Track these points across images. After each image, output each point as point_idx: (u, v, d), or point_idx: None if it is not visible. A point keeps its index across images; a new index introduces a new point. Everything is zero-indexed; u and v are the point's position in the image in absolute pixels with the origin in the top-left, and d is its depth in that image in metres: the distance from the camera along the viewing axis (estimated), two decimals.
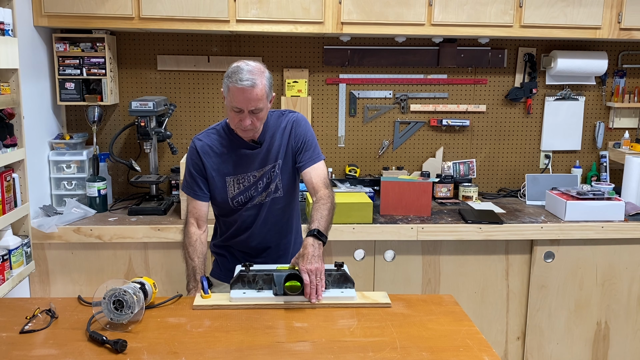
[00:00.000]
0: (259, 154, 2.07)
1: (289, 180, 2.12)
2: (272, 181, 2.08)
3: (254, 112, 1.92)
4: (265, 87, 1.92)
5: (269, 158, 2.07)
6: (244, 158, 2.07)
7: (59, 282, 2.74)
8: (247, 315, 1.78)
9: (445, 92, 3.37)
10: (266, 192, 2.09)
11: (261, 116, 1.96)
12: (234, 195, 2.08)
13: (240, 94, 1.89)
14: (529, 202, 3.22)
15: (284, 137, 2.09)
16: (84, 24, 2.80)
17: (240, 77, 1.88)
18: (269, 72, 1.97)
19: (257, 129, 1.99)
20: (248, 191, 2.08)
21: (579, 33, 2.99)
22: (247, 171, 2.07)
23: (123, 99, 3.22)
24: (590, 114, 3.46)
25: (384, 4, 2.85)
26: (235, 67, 1.92)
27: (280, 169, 2.08)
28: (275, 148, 2.08)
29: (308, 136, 2.10)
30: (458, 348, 1.60)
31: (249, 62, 1.93)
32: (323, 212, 1.99)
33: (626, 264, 2.92)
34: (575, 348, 3.00)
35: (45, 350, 1.57)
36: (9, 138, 2.35)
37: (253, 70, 1.90)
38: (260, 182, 2.08)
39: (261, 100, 1.91)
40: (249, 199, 2.09)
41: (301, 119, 2.12)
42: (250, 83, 1.87)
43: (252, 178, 2.07)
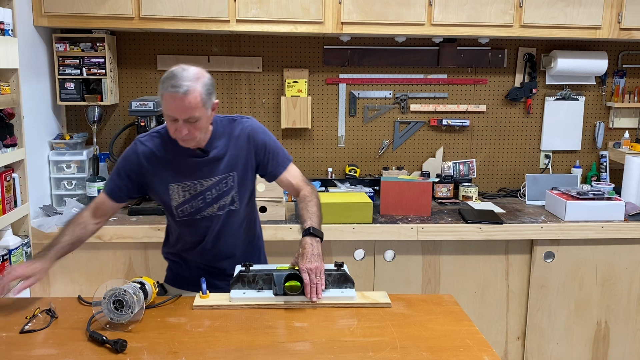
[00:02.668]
0: (207, 163, 1.93)
1: (247, 191, 2.02)
2: (226, 194, 1.97)
3: (189, 121, 1.77)
4: (202, 95, 1.76)
5: (219, 168, 1.95)
6: (190, 165, 1.93)
7: (59, 282, 2.74)
8: (247, 315, 1.78)
9: (445, 92, 3.37)
10: (218, 205, 1.97)
11: (199, 126, 1.80)
12: (179, 204, 1.96)
13: (172, 101, 1.75)
14: (529, 202, 3.22)
15: (239, 147, 1.96)
16: (84, 24, 2.80)
17: (173, 84, 1.74)
18: (209, 78, 1.82)
19: (196, 139, 1.84)
20: (194, 200, 1.96)
21: (579, 33, 2.99)
22: (192, 179, 1.94)
23: (123, 99, 3.22)
24: (590, 114, 3.46)
25: (384, 4, 2.85)
26: (171, 72, 1.78)
27: (237, 181, 1.97)
28: (228, 159, 1.95)
29: (270, 143, 2.00)
30: (458, 348, 1.60)
31: (186, 67, 1.79)
32: (312, 208, 1.98)
33: (626, 264, 2.92)
34: (575, 348, 3.00)
35: (45, 350, 1.57)
36: (9, 138, 2.36)
37: (188, 76, 1.75)
38: (209, 193, 1.95)
39: (196, 108, 1.76)
40: (197, 210, 1.97)
41: (257, 127, 1.99)
42: (183, 90, 1.73)
43: (199, 187, 1.94)
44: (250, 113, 3.30)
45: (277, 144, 2.03)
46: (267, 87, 3.28)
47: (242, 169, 1.98)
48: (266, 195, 2.79)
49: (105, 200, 1.99)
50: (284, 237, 2.74)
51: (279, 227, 2.73)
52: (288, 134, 3.34)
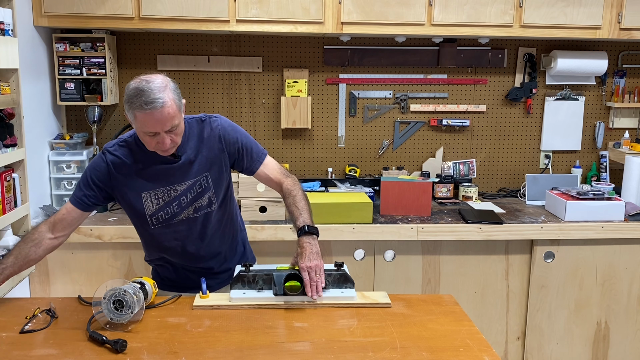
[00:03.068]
0: (179, 167, 1.90)
1: (223, 189, 2.00)
2: (201, 195, 1.94)
3: (171, 130, 1.76)
4: (175, 101, 1.75)
5: (192, 171, 1.92)
6: (162, 171, 1.90)
7: (59, 282, 2.74)
8: (247, 315, 1.78)
9: (445, 92, 3.37)
10: (193, 207, 1.95)
11: (179, 131, 1.80)
12: (153, 212, 1.93)
13: (149, 118, 1.70)
14: (529, 202, 3.22)
15: (210, 147, 1.93)
16: (84, 24, 2.80)
17: (146, 101, 1.69)
18: (172, 82, 1.80)
19: (177, 144, 1.83)
20: (169, 207, 1.93)
21: (579, 33, 2.99)
22: (165, 185, 1.91)
23: (123, 99, 3.22)
24: (590, 114, 3.46)
25: (384, 4, 2.85)
26: (135, 89, 1.72)
27: (212, 182, 1.95)
28: (200, 160, 1.92)
29: (242, 140, 1.97)
30: (458, 348, 1.60)
31: (149, 79, 1.74)
32: (300, 203, 1.96)
33: (626, 264, 2.92)
34: (575, 348, 3.00)
35: (45, 350, 1.57)
36: (9, 138, 2.36)
37: (157, 87, 1.71)
38: (184, 197, 1.93)
39: (175, 116, 1.74)
40: (172, 215, 1.94)
41: (227, 125, 1.96)
42: (159, 104, 1.69)
43: (172, 192, 1.91)
44: (250, 113, 3.30)
45: (249, 139, 2.00)
46: (267, 87, 3.28)
47: (217, 169, 1.95)
48: (266, 195, 2.80)
49: (71, 210, 1.91)
50: (284, 237, 2.74)
51: (278, 227, 2.73)
52: (288, 134, 3.34)
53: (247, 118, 3.31)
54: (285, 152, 3.36)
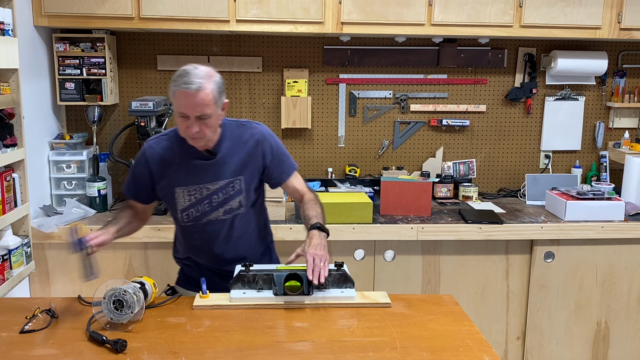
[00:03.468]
0: (213, 166, 1.94)
1: (255, 195, 2.02)
2: (233, 198, 1.97)
3: (201, 118, 1.79)
4: (213, 92, 1.79)
5: (226, 172, 1.95)
6: (197, 168, 1.94)
7: (59, 282, 2.74)
8: (247, 315, 1.78)
9: (445, 92, 3.37)
10: (224, 209, 1.97)
11: (210, 123, 1.82)
12: (184, 208, 1.97)
13: (184, 98, 1.77)
14: (529, 202, 3.22)
15: (248, 152, 1.96)
16: (84, 24, 2.80)
17: (186, 81, 1.76)
18: (219, 77, 1.85)
19: (207, 137, 1.85)
20: (200, 204, 1.96)
21: (579, 33, 2.99)
22: (198, 183, 1.94)
23: (123, 99, 3.22)
24: (590, 114, 3.46)
25: (384, 4, 2.85)
26: (182, 70, 1.80)
27: (244, 185, 1.97)
28: (235, 162, 1.95)
29: (279, 151, 2.02)
30: (458, 348, 1.60)
31: (197, 66, 1.81)
32: (317, 209, 2.01)
33: (626, 264, 2.92)
34: (575, 348, 3.00)
35: (45, 350, 1.57)
36: (9, 138, 2.35)
37: (200, 73, 1.78)
38: (215, 197, 1.95)
39: (208, 105, 1.78)
40: (203, 214, 1.97)
41: (267, 135, 2.00)
42: (195, 87, 1.75)
43: (205, 191, 1.95)
44: (250, 113, 3.30)
45: (284, 152, 2.05)
46: (267, 87, 3.28)
47: (250, 173, 1.98)
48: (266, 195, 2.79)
49: (132, 202, 2.06)
50: (284, 237, 2.74)
51: (278, 227, 2.73)
52: (288, 134, 3.34)
53: (247, 118, 3.30)
54: None
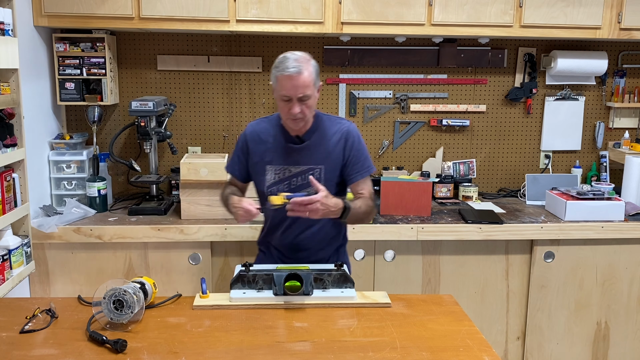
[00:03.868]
0: (300, 150, 2.10)
1: (333, 188, 2.10)
2: (309, 185, 2.04)
3: (302, 99, 1.97)
4: (312, 75, 1.98)
5: (309, 158, 2.09)
6: (286, 150, 2.11)
7: (59, 282, 2.74)
8: (247, 315, 1.78)
9: (445, 92, 3.37)
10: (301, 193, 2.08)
11: (310, 104, 2.00)
12: (269, 185, 2.12)
13: (287, 81, 1.94)
14: (529, 202, 3.22)
15: (333, 146, 2.10)
16: (84, 24, 2.80)
17: (287, 65, 1.94)
18: (315, 62, 2.03)
19: (307, 118, 2.02)
20: (281, 184, 2.11)
21: (579, 33, 2.99)
22: (285, 164, 2.11)
23: (123, 99, 3.22)
24: (590, 114, 3.46)
25: (384, 4, 2.85)
26: (282, 57, 1.98)
27: (324, 175, 2.09)
28: (319, 151, 2.09)
29: (360, 150, 2.12)
30: (458, 348, 1.60)
31: (295, 52, 2.00)
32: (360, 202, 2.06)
33: (626, 264, 2.92)
34: (575, 348, 3.00)
35: (45, 350, 1.57)
36: (9, 138, 2.35)
37: (299, 58, 1.96)
38: (295, 180, 2.10)
39: (308, 87, 1.96)
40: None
41: (354, 132, 2.13)
42: (296, 70, 1.93)
43: (287, 172, 2.11)
44: (250, 113, 3.30)
45: (363, 153, 2.13)
46: (267, 87, 3.28)
47: (331, 165, 2.10)
48: None
49: (232, 179, 2.25)
50: None
51: None
52: None
53: (247, 118, 3.31)
54: None
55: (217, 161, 2.81)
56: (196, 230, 2.71)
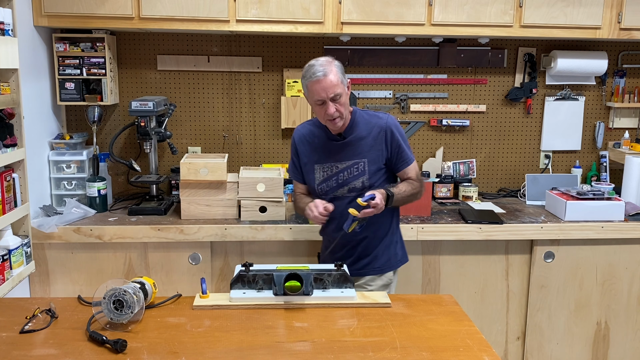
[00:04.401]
0: (342, 147, 2.25)
1: (378, 179, 2.24)
2: (356, 178, 2.23)
3: (334, 99, 2.11)
4: (338, 74, 2.11)
5: (352, 153, 2.23)
6: (330, 148, 2.26)
7: (59, 282, 2.74)
8: (247, 315, 1.78)
9: (445, 92, 3.37)
10: (348, 187, 2.24)
11: (342, 101, 2.14)
12: (320, 182, 2.28)
13: (317, 85, 2.09)
14: (529, 202, 3.22)
15: (373, 138, 2.23)
16: (84, 24, 2.80)
17: (314, 72, 2.09)
18: (338, 62, 2.16)
19: (343, 115, 2.16)
20: (329, 180, 2.26)
21: (579, 33, 2.99)
22: (331, 161, 2.26)
23: (123, 99, 3.22)
24: (590, 114, 3.46)
25: (384, 4, 2.85)
26: (307, 65, 2.13)
27: (367, 167, 2.22)
28: (361, 145, 2.23)
29: (400, 142, 2.24)
30: (458, 348, 1.60)
31: (318, 58, 2.15)
32: (405, 186, 2.22)
33: (626, 264, 2.92)
34: (575, 348, 3.00)
35: (45, 350, 1.57)
36: (9, 138, 2.35)
37: (323, 62, 2.11)
38: (342, 174, 2.25)
39: (337, 86, 2.10)
40: (331, 189, 2.27)
41: (393, 124, 2.24)
42: (322, 73, 2.07)
43: (334, 168, 2.26)
44: (250, 113, 3.30)
45: (403, 145, 2.26)
46: (267, 87, 3.28)
47: (374, 158, 2.23)
48: (266, 195, 2.80)
49: (298, 185, 2.40)
50: (283, 237, 2.74)
51: (278, 227, 2.73)
52: (288, 134, 3.34)
53: (247, 118, 3.31)
54: (285, 152, 3.36)
55: (217, 161, 2.81)
56: (196, 230, 2.71)
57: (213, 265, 2.78)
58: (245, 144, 3.33)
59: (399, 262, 2.41)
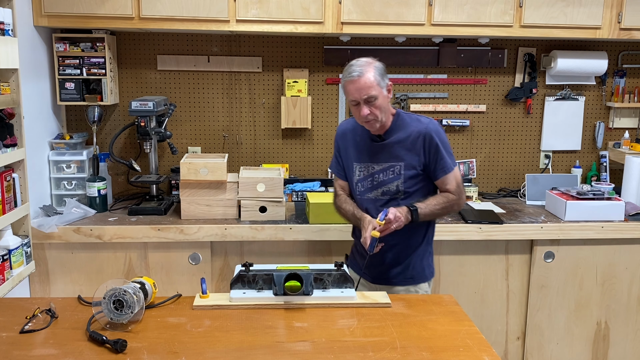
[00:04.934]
0: (382, 148, 2.19)
1: (414, 185, 2.18)
2: (391, 181, 2.19)
3: (368, 100, 2.05)
4: (375, 76, 2.04)
5: (389, 156, 2.18)
6: (368, 148, 2.22)
7: (59, 282, 2.74)
8: (247, 315, 1.78)
9: (445, 92, 3.37)
10: (382, 190, 2.20)
11: (378, 104, 2.07)
12: (356, 182, 2.26)
13: (351, 85, 2.05)
14: (529, 202, 3.22)
15: (411, 142, 2.16)
16: (84, 24, 2.80)
17: (350, 71, 2.05)
18: (379, 64, 2.10)
19: (378, 119, 2.10)
20: (365, 181, 2.23)
21: (579, 33, 2.99)
22: (367, 161, 2.22)
23: (123, 99, 3.22)
24: (590, 114, 3.46)
25: (384, 4, 2.85)
26: (347, 65, 2.09)
27: (403, 172, 2.17)
28: (398, 149, 2.17)
29: (437, 150, 2.15)
30: (458, 348, 1.60)
31: (360, 59, 2.09)
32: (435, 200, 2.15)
33: (626, 264, 2.92)
34: (575, 348, 3.00)
35: (45, 350, 1.57)
36: (9, 138, 2.35)
37: (361, 63, 2.06)
38: (377, 176, 2.20)
39: (371, 87, 2.03)
40: (366, 190, 2.23)
41: (432, 131, 2.16)
42: (357, 74, 2.03)
43: (371, 169, 2.21)
44: (250, 113, 3.30)
45: (442, 152, 2.16)
46: (267, 87, 3.28)
47: (410, 162, 2.17)
48: (266, 195, 2.80)
49: (339, 182, 2.36)
50: (283, 237, 2.74)
51: (278, 227, 2.73)
52: (288, 134, 3.34)
53: (247, 118, 3.31)
54: (285, 152, 3.36)
55: (217, 161, 2.81)
56: (196, 230, 2.71)
57: (213, 265, 2.78)
58: (245, 144, 3.33)
59: (432, 273, 2.33)
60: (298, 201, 3.14)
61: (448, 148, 2.19)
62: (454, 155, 2.24)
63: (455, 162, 2.21)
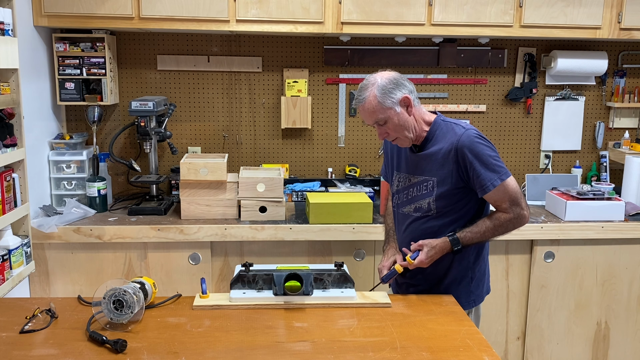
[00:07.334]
0: (418, 160, 2.01)
1: (448, 203, 1.96)
2: (423, 197, 1.99)
3: (379, 123, 1.92)
4: (376, 98, 1.88)
5: (424, 169, 1.98)
6: (407, 158, 2.06)
7: (59, 282, 2.74)
8: (247, 315, 1.78)
9: (445, 92, 3.37)
10: (414, 206, 2.02)
11: (391, 125, 1.91)
12: (394, 192, 2.14)
13: (360, 112, 1.95)
14: (529, 202, 3.21)
15: (443, 158, 1.93)
16: (84, 24, 2.80)
17: (357, 95, 1.94)
18: (385, 80, 1.91)
19: (399, 138, 1.96)
20: (401, 193, 2.09)
21: (579, 33, 2.99)
22: (405, 172, 2.07)
23: (123, 99, 3.22)
24: (590, 114, 3.46)
25: (384, 4, 2.85)
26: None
27: (435, 188, 1.95)
28: (432, 163, 1.96)
29: (475, 163, 1.89)
30: (458, 348, 1.60)
31: (370, 76, 1.95)
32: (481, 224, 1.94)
33: (626, 264, 2.92)
34: (575, 348, 3.00)
35: (45, 350, 1.57)
36: (9, 138, 2.35)
37: (365, 84, 1.92)
38: (412, 190, 2.03)
39: (375, 112, 1.89)
40: (401, 203, 2.09)
41: (467, 145, 1.89)
42: (359, 101, 1.92)
43: (407, 181, 2.06)
44: (250, 113, 3.30)
45: (479, 166, 1.89)
46: (267, 87, 3.28)
47: (443, 177, 1.94)
48: (266, 195, 2.80)
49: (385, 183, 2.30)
50: (283, 237, 2.74)
51: (278, 227, 2.73)
52: (288, 134, 3.34)
53: (247, 118, 3.31)
54: (285, 152, 3.36)
55: (217, 161, 2.81)
56: (196, 230, 2.71)
57: (213, 265, 2.78)
58: (245, 144, 3.33)
59: (472, 302, 2.06)
60: (298, 201, 3.14)
61: (487, 160, 1.89)
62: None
63: (504, 174, 1.90)
